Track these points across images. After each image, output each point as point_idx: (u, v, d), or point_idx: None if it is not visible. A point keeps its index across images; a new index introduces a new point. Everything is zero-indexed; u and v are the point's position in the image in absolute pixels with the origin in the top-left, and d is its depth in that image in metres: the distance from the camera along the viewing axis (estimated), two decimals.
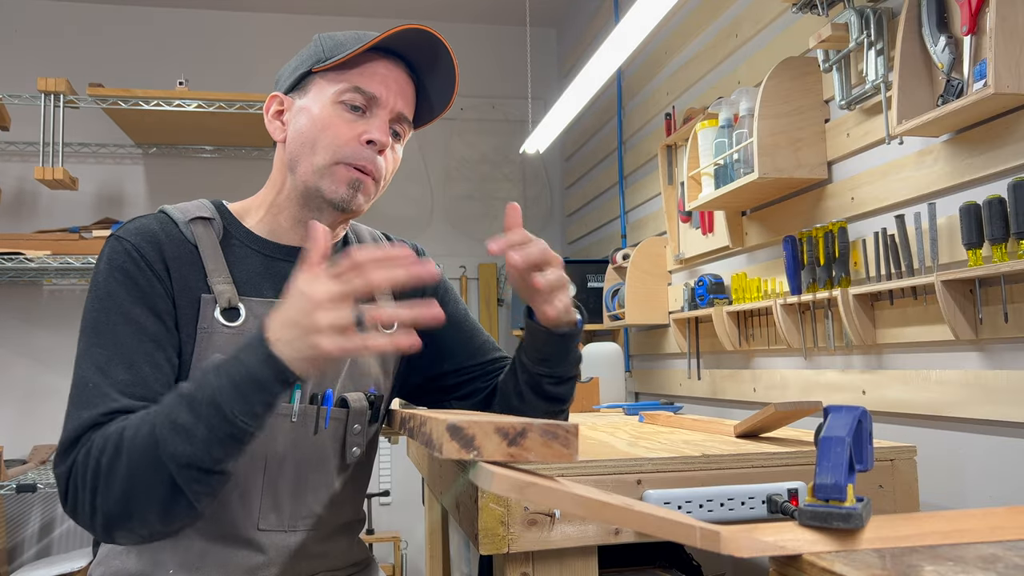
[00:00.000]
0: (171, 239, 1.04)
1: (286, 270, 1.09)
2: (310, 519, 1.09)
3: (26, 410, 3.35)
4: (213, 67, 3.66)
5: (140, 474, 0.85)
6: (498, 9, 3.81)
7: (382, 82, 1.06)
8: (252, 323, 1.04)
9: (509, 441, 0.64)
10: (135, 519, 0.87)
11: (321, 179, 1.05)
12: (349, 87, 1.04)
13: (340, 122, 1.04)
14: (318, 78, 1.07)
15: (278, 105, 1.11)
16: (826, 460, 0.65)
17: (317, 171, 1.05)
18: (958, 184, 1.38)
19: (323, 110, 1.05)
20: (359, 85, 1.04)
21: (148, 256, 1.01)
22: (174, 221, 1.06)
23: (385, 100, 1.06)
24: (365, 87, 1.04)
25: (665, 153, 2.55)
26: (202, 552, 1.02)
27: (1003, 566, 0.55)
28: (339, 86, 1.05)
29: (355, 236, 1.22)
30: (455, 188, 3.89)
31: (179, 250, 1.04)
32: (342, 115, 1.05)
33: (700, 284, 2.15)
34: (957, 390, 1.39)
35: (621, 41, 1.98)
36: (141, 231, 1.03)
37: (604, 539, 1.04)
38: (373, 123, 1.05)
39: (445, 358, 1.22)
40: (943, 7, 1.36)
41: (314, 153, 1.05)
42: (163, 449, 0.84)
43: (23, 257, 2.86)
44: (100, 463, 0.87)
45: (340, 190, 1.05)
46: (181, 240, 1.04)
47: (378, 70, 1.06)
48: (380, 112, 1.06)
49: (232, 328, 1.03)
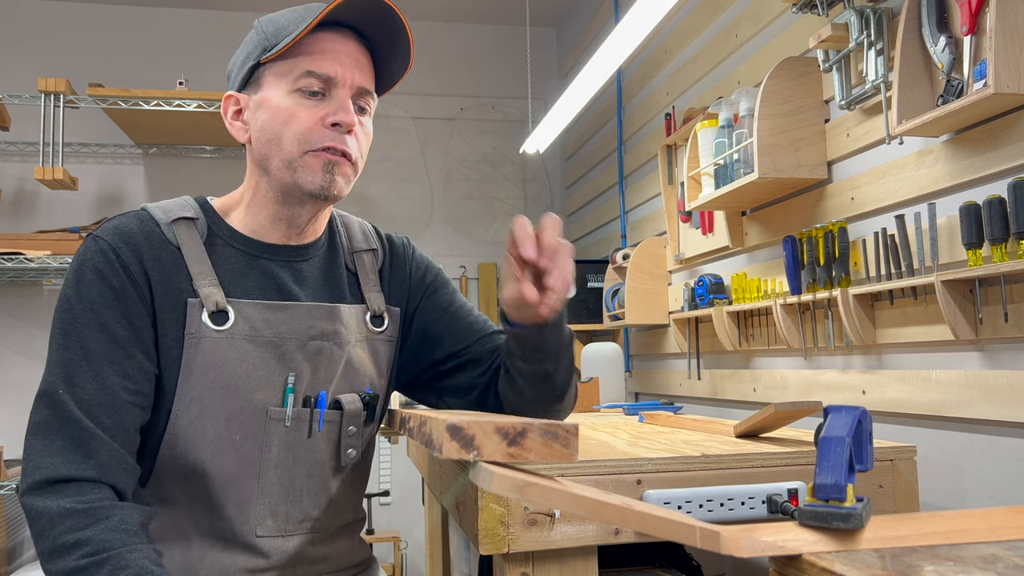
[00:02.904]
0: (151, 241, 1.01)
1: (271, 269, 1.07)
2: (308, 523, 1.08)
3: (26, 410, 3.32)
4: (213, 67, 3.65)
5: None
6: (498, 9, 3.81)
7: (335, 59, 1.01)
8: (241, 326, 1.02)
9: (509, 441, 0.64)
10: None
11: (295, 172, 1.02)
12: (302, 73, 1.00)
13: (301, 110, 1.01)
14: (268, 69, 1.03)
15: (234, 105, 1.07)
16: (826, 460, 0.65)
17: (289, 165, 1.02)
18: (958, 184, 1.38)
19: (281, 102, 1.01)
20: (311, 69, 1.00)
21: (124, 258, 0.99)
22: (156, 221, 1.03)
23: (342, 78, 1.01)
24: (318, 69, 1.00)
25: (665, 153, 2.55)
26: (202, 555, 1.02)
27: (1003, 566, 0.55)
28: (292, 74, 1.01)
29: (344, 228, 1.19)
30: (455, 188, 3.89)
31: (160, 252, 1.01)
32: (301, 103, 1.01)
33: (700, 284, 2.15)
34: (957, 390, 1.39)
35: (621, 41, 1.98)
36: (119, 231, 1.01)
37: (604, 539, 1.04)
38: (335, 104, 1.02)
39: (435, 347, 1.20)
40: (943, 7, 1.36)
41: (281, 148, 1.02)
42: None
43: (23, 257, 2.86)
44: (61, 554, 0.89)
45: (316, 179, 1.02)
46: (163, 242, 1.02)
47: (327, 47, 1.01)
48: (339, 92, 1.02)
49: (221, 332, 1.01)
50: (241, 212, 1.09)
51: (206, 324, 1.00)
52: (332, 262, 1.14)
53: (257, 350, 1.03)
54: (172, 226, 1.03)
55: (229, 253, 1.06)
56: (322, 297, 1.11)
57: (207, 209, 1.08)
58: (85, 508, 0.90)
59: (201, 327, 1.00)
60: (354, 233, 1.19)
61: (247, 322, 1.03)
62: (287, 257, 1.09)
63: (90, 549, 0.87)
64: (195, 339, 1.00)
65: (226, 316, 1.02)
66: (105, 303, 0.97)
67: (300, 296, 1.08)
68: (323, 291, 1.11)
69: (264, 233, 1.08)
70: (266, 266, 1.07)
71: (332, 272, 1.13)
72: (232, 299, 1.03)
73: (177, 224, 1.04)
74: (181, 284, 1.01)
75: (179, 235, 1.03)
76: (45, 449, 0.93)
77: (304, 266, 1.10)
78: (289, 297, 1.07)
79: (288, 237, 1.09)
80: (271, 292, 1.06)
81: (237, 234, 1.07)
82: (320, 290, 1.11)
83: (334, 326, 1.09)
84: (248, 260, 1.06)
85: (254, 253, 1.07)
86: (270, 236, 1.08)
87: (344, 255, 1.16)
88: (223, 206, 1.10)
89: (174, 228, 1.03)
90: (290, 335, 1.05)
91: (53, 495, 0.91)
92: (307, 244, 1.11)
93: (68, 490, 0.91)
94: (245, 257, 1.06)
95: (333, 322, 1.09)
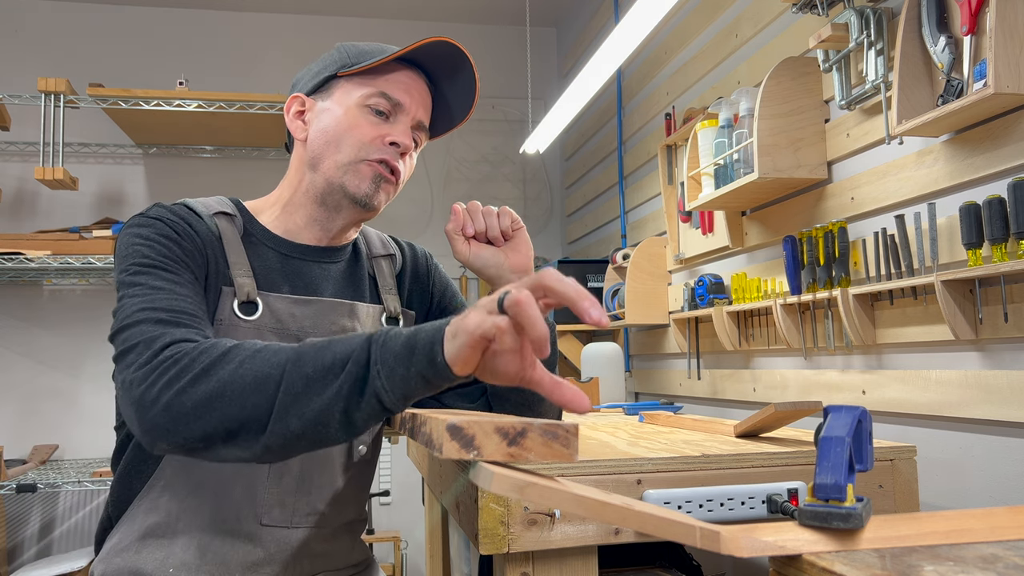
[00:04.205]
0: (199, 225, 1.05)
1: (301, 268, 1.11)
2: (313, 516, 1.09)
3: (26, 410, 3.35)
4: (213, 67, 3.66)
5: (241, 385, 0.78)
6: (498, 9, 3.81)
7: (406, 90, 1.10)
8: (268, 318, 1.05)
9: (509, 441, 0.64)
10: (198, 423, 0.78)
11: (345, 175, 1.08)
12: (376, 92, 1.08)
13: (365, 123, 1.08)
14: (343, 82, 1.10)
15: (299, 106, 1.13)
16: (826, 460, 0.65)
17: (341, 168, 1.08)
18: (958, 184, 1.38)
19: (348, 111, 1.08)
20: (385, 91, 1.08)
21: (191, 226, 1.02)
22: (197, 213, 1.06)
23: (408, 107, 1.10)
24: (391, 93, 1.08)
25: (665, 153, 2.55)
26: (203, 549, 1.02)
27: (1003, 566, 0.55)
28: (365, 90, 1.08)
29: (364, 239, 1.23)
30: (455, 188, 3.89)
31: (207, 236, 1.05)
32: (367, 118, 1.08)
33: (700, 284, 2.15)
34: (957, 390, 1.39)
35: (621, 41, 1.98)
36: (172, 211, 1.03)
37: (604, 539, 1.04)
38: (397, 127, 1.09)
39: None
40: (943, 7, 1.36)
41: (338, 151, 1.08)
42: (297, 370, 0.77)
43: (23, 257, 2.86)
44: (208, 357, 0.81)
45: (363, 185, 1.08)
46: (207, 230, 1.05)
47: (401, 79, 1.10)
48: (403, 118, 1.10)
49: (250, 322, 1.04)
50: (276, 212, 1.13)
51: (236, 313, 1.03)
52: (355, 264, 1.19)
53: (281, 342, 1.04)
54: (213, 218, 1.07)
55: (263, 250, 1.10)
56: (344, 295, 1.15)
57: (241, 208, 1.13)
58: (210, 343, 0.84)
59: (231, 315, 1.03)
60: (372, 240, 1.24)
61: (274, 315, 1.06)
62: (317, 257, 1.13)
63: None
64: (224, 326, 1.02)
65: (255, 307, 1.05)
66: (174, 256, 0.98)
67: (324, 292, 1.13)
68: (346, 290, 1.16)
69: (297, 233, 1.12)
70: (297, 265, 1.11)
71: (355, 274, 1.18)
72: (262, 292, 1.06)
73: (218, 217, 1.08)
74: (220, 270, 1.04)
75: (220, 226, 1.07)
76: (138, 351, 0.85)
77: (331, 267, 1.15)
78: (315, 293, 1.12)
79: (320, 240, 1.14)
80: (299, 288, 1.11)
81: (270, 234, 1.12)
82: (343, 289, 1.16)
83: (352, 323, 1.13)
84: (280, 258, 1.11)
85: (286, 252, 1.11)
86: (302, 237, 1.13)
87: (364, 260, 1.21)
88: (255, 208, 1.15)
89: (215, 220, 1.07)
90: (313, 329, 1.09)
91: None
92: (337, 247, 1.16)
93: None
94: (278, 255, 1.11)
95: (352, 319, 1.13)
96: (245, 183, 3.56)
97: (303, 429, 0.77)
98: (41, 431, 3.34)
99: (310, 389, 0.76)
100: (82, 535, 3.33)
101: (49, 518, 3.31)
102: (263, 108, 3.02)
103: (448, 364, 0.72)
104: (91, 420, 3.38)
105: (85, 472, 2.97)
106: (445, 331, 0.73)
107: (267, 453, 0.79)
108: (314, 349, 0.78)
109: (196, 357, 0.80)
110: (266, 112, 3.03)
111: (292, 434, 0.77)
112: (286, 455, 0.80)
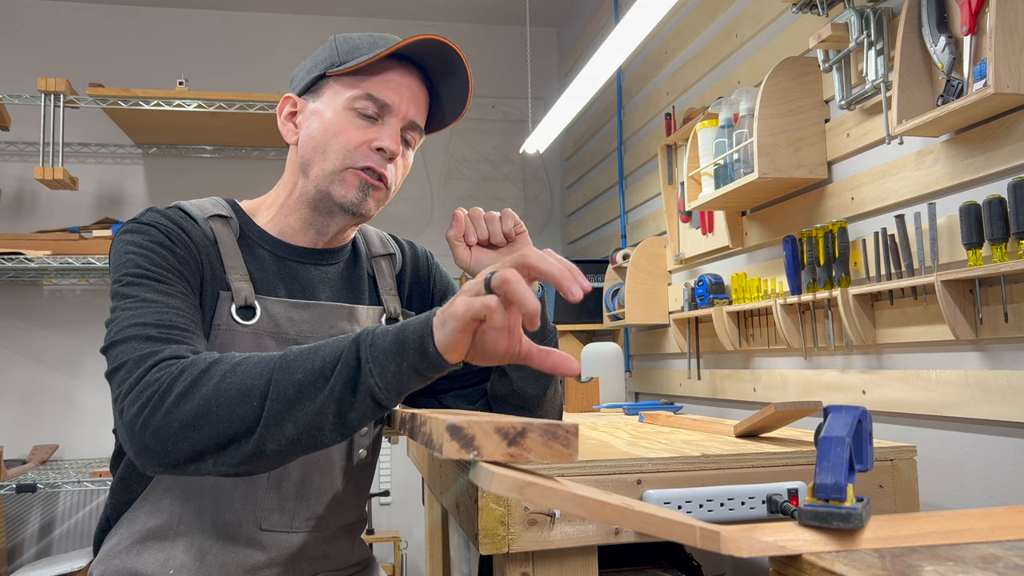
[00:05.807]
0: (194, 229, 1.04)
1: (297, 270, 1.10)
2: (313, 520, 1.09)
3: (26, 410, 3.35)
4: (213, 67, 3.66)
5: (227, 396, 0.78)
6: (498, 9, 3.81)
7: (395, 89, 1.06)
8: (266, 322, 1.04)
9: (509, 441, 0.64)
10: (187, 442, 0.79)
11: (331, 183, 1.05)
12: (362, 94, 1.05)
13: (352, 128, 1.05)
14: (332, 82, 1.07)
15: (291, 107, 1.12)
16: (826, 460, 0.65)
17: (327, 175, 1.05)
18: (958, 184, 1.38)
19: (335, 115, 1.05)
20: (372, 93, 1.05)
21: (186, 232, 1.01)
22: (192, 217, 1.05)
23: (397, 108, 1.07)
24: (378, 95, 1.05)
25: (665, 153, 2.55)
26: (203, 552, 1.02)
27: (1003, 566, 0.55)
28: (352, 92, 1.05)
29: (363, 238, 1.22)
30: (455, 188, 3.89)
31: (202, 241, 1.04)
32: (354, 121, 1.05)
33: (700, 284, 2.15)
34: (957, 390, 1.39)
35: (621, 41, 1.98)
36: (167, 215, 1.03)
37: (604, 539, 1.04)
38: (384, 131, 1.06)
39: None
40: (943, 7, 1.36)
41: (325, 158, 1.05)
42: (285, 375, 0.78)
43: (23, 257, 2.86)
44: (189, 375, 0.81)
45: (350, 194, 1.06)
46: (201, 234, 1.04)
47: (392, 77, 1.06)
48: (392, 120, 1.07)
49: (248, 327, 1.03)
50: (271, 213, 1.12)
51: (233, 318, 1.03)
52: (354, 266, 1.18)
53: (279, 346, 1.05)
54: (209, 221, 1.06)
55: (259, 253, 1.09)
56: (342, 298, 1.14)
57: (237, 210, 1.12)
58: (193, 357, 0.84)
59: (229, 320, 1.02)
60: (372, 240, 1.23)
61: (272, 319, 1.05)
62: (313, 260, 1.12)
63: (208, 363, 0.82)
64: (221, 331, 1.02)
65: (253, 312, 1.04)
66: (167, 264, 0.97)
67: (322, 296, 1.12)
68: (344, 292, 1.15)
69: (293, 236, 1.11)
70: (293, 267, 1.10)
71: (354, 275, 1.17)
72: (260, 296, 1.05)
73: (213, 220, 1.07)
74: (217, 274, 1.03)
75: (216, 230, 1.06)
76: (127, 369, 0.85)
77: (329, 269, 1.14)
78: (312, 296, 1.10)
79: (316, 242, 1.13)
80: (296, 291, 1.10)
81: (266, 235, 1.10)
82: (341, 291, 1.14)
83: (351, 326, 1.12)
84: (276, 261, 1.10)
85: (282, 255, 1.10)
86: (298, 239, 1.12)
87: (364, 260, 1.19)
88: (251, 208, 1.13)
89: (211, 223, 1.06)
90: (311, 333, 1.08)
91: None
92: (334, 249, 1.15)
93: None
94: (274, 258, 1.10)
95: (351, 322, 1.12)
96: (245, 183, 3.56)
97: (298, 434, 0.77)
98: (41, 431, 3.34)
99: (302, 394, 0.77)
100: (82, 535, 3.33)
101: (49, 518, 3.31)
102: (263, 108, 3.02)
103: (440, 352, 0.73)
104: (91, 420, 3.38)
105: (85, 472, 2.96)
106: (433, 321, 0.74)
107: (261, 461, 0.80)
108: (302, 355, 0.79)
109: (177, 376, 0.81)
110: (266, 112, 3.03)
111: (287, 440, 0.78)
112: (281, 461, 0.81)
